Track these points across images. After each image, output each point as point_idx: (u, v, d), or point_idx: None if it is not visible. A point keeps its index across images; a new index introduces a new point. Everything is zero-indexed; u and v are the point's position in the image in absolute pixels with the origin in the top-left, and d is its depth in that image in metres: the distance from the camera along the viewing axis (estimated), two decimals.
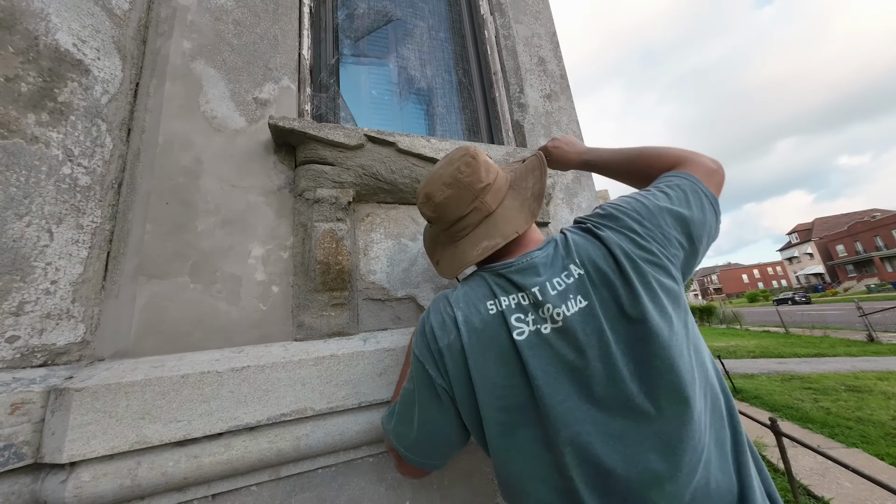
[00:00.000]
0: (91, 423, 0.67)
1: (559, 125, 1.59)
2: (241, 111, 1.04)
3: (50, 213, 0.84)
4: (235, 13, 1.12)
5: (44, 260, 0.82)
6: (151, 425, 0.71)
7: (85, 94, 0.94)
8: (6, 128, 0.82)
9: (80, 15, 0.98)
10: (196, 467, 0.72)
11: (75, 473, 0.66)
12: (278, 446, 0.78)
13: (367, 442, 0.87)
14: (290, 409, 0.80)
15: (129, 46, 1.06)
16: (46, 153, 0.86)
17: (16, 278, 0.78)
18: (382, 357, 0.91)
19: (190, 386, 0.75)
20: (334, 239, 0.96)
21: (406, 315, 1.08)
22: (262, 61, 1.11)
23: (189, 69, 1.01)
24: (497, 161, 1.25)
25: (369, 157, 1.07)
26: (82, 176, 0.91)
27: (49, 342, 0.80)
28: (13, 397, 0.68)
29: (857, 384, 6.25)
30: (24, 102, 0.85)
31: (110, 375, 0.73)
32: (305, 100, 1.18)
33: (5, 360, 0.75)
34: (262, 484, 0.79)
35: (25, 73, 0.86)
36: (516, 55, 1.61)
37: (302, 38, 1.23)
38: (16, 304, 0.77)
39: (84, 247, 0.88)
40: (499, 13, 1.68)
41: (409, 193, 1.14)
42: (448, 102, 1.58)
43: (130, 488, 0.68)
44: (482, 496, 0.95)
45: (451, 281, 1.13)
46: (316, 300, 0.96)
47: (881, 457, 3.82)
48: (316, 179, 1.00)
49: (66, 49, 0.93)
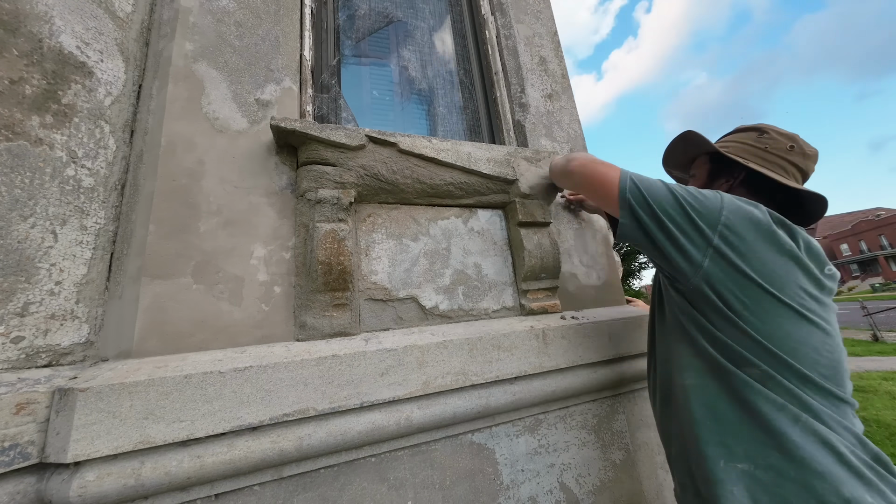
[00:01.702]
0: (95, 423, 0.68)
1: (560, 125, 1.59)
2: (243, 112, 1.05)
3: (54, 214, 0.85)
4: (237, 15, 1.13)
5: (48, 261, 0.82)
6: (155, 425, 0.71)
7: (88, 97, 0.95)
8: (11, 130, 0.83)
9: (83, 17, 0.99)
10: (199, 467, 0.72)
11: (80, 473, 0.66)
12: (281, 446, 0.78)
13: (369, 442, 0.87)
14: (293, 409, 0.81)
15: (132, 48, 1.07)
16: (51, 155, 0.87)
17: (21, 279, 0.79)
18: (384, 357, 0.92)
19: (193, 386, 0.75)
20: (336, 239, 0.96)
21: (408, 315, 1.08)
22: (263, 62, 1.12)
23: (191, 71, 1.02)
24: (498, 161, 1.25)
25: (371, 158, 1.07)
26: (86, 177, 0.91)
27: (53, 343, 0.80)
28: (18, 397, 0.69)
29: (862, 384, 6.20)
30: (29, 105, 0.86)
31: (114, 376, 0.73)
32: (307, 101, 1.18)
33: (10, 360, 0.75)
34: (264, 484, 0.80)
35: (29, 76, 0.87)
36: (517, 55, 1.61)
37: (303, 40, 1.23)
38: (21, 304, 0.78)
39: (88, 248, 0.89)
40: (500, 13, 1.68)
41: (410, 194, 1.14)
42: (449, 102, 1.58)
43: (134, 488, 0.68)
44: (484, 496, 0.95)
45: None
46: (318, 300, 0.96)
47: None
48: (317, 180, 1.01)
49: (70, 51, 0.94)
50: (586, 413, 1.16)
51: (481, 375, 0.99)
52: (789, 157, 0.89)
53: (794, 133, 0.92)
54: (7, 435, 0.66)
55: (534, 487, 1.01)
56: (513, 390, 1.03)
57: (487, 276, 1.22)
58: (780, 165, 0.89)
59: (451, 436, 0.97)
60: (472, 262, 1.21)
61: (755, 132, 0.94)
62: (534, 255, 1.21)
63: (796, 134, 0.91)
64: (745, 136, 0.96)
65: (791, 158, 0.89)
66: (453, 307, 1.14)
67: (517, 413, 1.05)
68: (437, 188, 1.16)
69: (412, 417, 0.90)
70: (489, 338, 1.04)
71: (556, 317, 1.21)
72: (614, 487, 1.12)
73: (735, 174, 0.94)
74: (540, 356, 1.08)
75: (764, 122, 1.08)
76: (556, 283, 1.27)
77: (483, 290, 1.20)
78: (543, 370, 1.07)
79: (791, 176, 0.89)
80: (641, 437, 1.22)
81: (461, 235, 1.22)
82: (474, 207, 1.28)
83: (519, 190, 1.25)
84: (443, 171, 1.17)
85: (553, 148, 1.52)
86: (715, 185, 0.99)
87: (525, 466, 1.02)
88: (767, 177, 0.88)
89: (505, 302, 1.22)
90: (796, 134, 0.91)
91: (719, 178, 0.98)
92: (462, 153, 1.20)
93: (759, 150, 0.91)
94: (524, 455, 1.03)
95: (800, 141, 0.90)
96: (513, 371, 1.03)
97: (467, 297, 1.17)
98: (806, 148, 0.90)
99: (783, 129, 0.92)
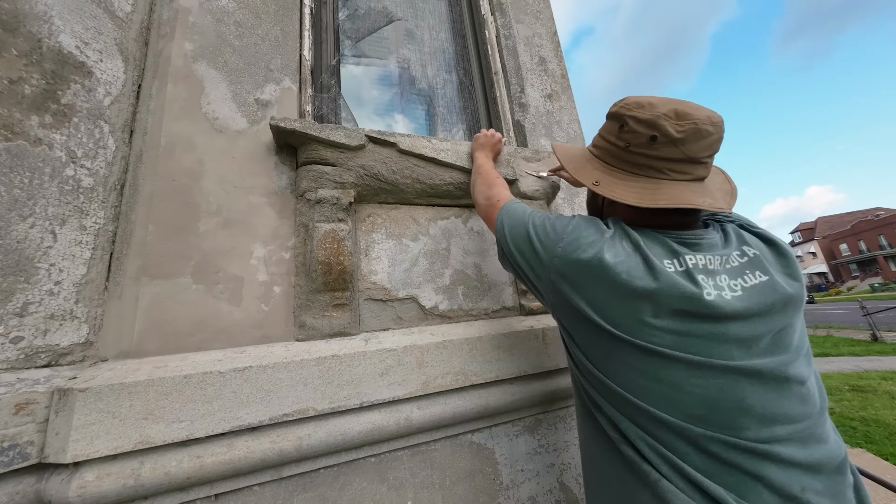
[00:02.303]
0: (95, 424, 0.68)
1: (560, 125, 1.59)
2: (243, 112, 1.05)
3: (53, 214, 0.85)
4: (237, 15, 1.13)
5: (47, 261, 0.82)
6: (154, 425, 0.71)
7: (88, 96, 0.95)
8: (10, 130, 0.83)
9: (82, 17, 0.98)
10: (199, 467, 0.72)
11: (79, 473, 0.66)
12: (280, 446, 0.78)
13: (369, 442, 0.87)
14: (292, 410, 0.81)
15: (132, 48, 1.07)
16: (50, 155, 0.87)
17: (20, 279, 0.78)
18: (384, 357, 0.92)
19: (192, 386, 0.75)
20: (336, 239, 0.96)
21: (408, 315, 1.08)
22: (263, 62, 1.12)
23: (191, 71, 1.02)
24: (498, 161, 1.25)
25: (370, 158, 1.07)
26: (85, 177, 0.91)
27: (53, 343, 0.80)
28: (18, 398, 0.69)
29: (862, 384, 6.21)
30: (28, 104, 0.86)
31: (114, 376, 0.73)
32: (307, 101, 1.18)
33: (10, 360, 0.75)
34: (264, 484, 0.80)
35: (29, 76, 0.87)
36: (517, 55, 1.61)
37: (303, 39, 1.23)
38: (20, 305, 0.78)
39: (87, 248, 0.88)
40: (499, 13, 1.68)
41: (410, 194, 1.14)
42: (449, 102, 1.58)
43: (134, 488, 0.68)
44: (484, 496, 0.95)
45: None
46: (317, 300, 0.96)
47: (885, 457, 3.80)
48: (317, 180, 1.01)
49: (69, 51, 0.94)
50: None
51: (481, 375, 0.99)
52: (655, 153, 0.68)
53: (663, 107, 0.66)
54: (6, 435, 0.66)
55: (534, 487, 1.01)
56: (512, 390, 1.03)
57: (487, 276, 1.22)
58: (649, 166, 0.69)
59: (450, 436, 0.97)
60: (471, 262, 1.21)
61: (615, 122, 0.73)
62: None
63: (666, 109, 0.66)
64: (609, 129, 0.76)
65: (658, 153, 0.67)
66: (453, 307, 1.14)
67: (517, 413, 1.05)
68: (436, 188, 1.17)
69: (412, 417, 0.90)
70: (489, 338, 1.04)
71: None
72: None
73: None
74: (540, 356, 1.08)
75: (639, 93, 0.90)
76: None
77: (483, 290, 1.20)
78: (543, 370, 1.07)
79: (670, 173, 0.68)
80: None
81: (461, 235, 1.22)
82: (474, 207, 1.28)
83: (519, 190, 1.25)
84: (443, 171, 1.17)
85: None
86: (596, 195, 0.86)
87: (525, 466, 1.02)
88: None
89: (504, 302, 1.22)
90: (666, 109, 0.66)
91: (597, 195, 0.84)
92: (462, 153, 1.20)
93: (621, 151, 0.72)
94: (524, 455, 1.03)
95: (662, 123, 0.65)
96: (512, 371, 1.03)
97: (467, 297, 1.17)
98: (675, 130, 0.64)
99: (652, 103, 0.68)
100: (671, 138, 0.65)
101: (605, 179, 0.75)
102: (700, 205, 0.66)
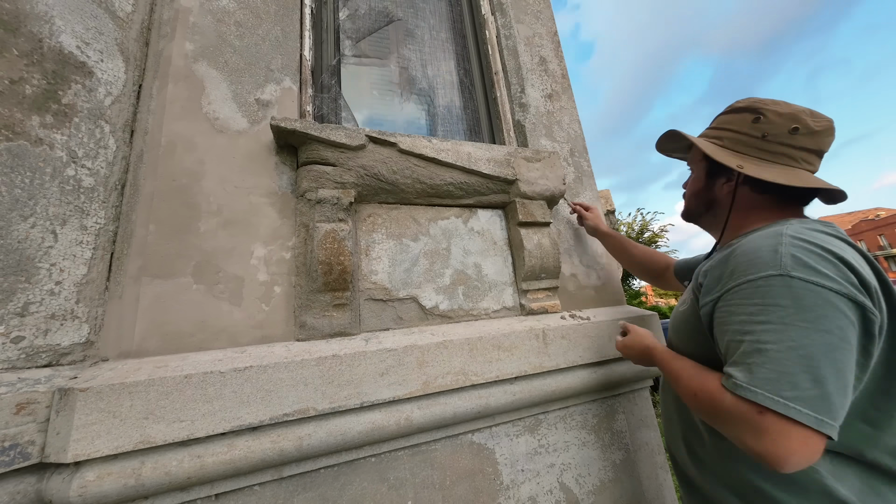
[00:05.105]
0: (95, 423, 0.68)
1: (560, 125, 1.59)
2: (244, 112, 1.05)
3: (54, 214, 0.85)
4: (237, 15, 1.13)
5: (48, 261, 0.82)
6: (155, 425, 0.71)
7: (88, 96, 0.95)
8: (11, 130, 0.83)
9: (83, 17, 0.99)
10: (199, 467, 0.72)
11: (80, 473, 0.66)
12: (281, 446, 0.78)
13: (369, 442, 0.87)
14: (293, 409, 0.81)
15: (132, 48, 1.07)
16: (51, 155, 0.87)
17: (21, 279, 0.79)
18: (384, 357, 0.92)
19: (193, 386, 0.75)
20: (336, 239, 0.96)
21: (408, 315, 1.08)
22: (263, 62, 1.12)
23: (191, 71, 1.02)
24: (498, 161, 1.25)
25: (371, 158, 1.07)
26: (86, 177, 0.91)
27: (54, 343, 0.80)
28: (18, 397, 0.69)
29: None
30: (29, 104, 0.86)
31: (114, 376, 0.73)
32: (307, 101, 1.18)
33: (10, 360, 0.75)
34: (264, 484, 0.80)
35: (30, 76, 0.87)
36: (517, 55, 1.61)
37: (303, 39, 1.23)
38: (21, 304, 0.78)
39: (88, 248, 0.89)
40: (500, 13, 1.68)
41: (410, 194, 1.14)
42: (449, 102, 1.58)
43: (134, 488, 0.68)
44: (484, 496, 0.96)
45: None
46: (318, 300, 0.96)
47: None
48: (318, 180, 1.01)
49: (70, 51, 0.94)
50: (586, 413, 1.16)
51: (481, 375, 0.99)
52: (794, 143, 0.75)
53: (797, 106, 0.76)
54: (7, 435, 0.66)
55: (534, 487, 1.01)
56: (513, 390, 1.03)
57: (487, 276, 1.22)
58: (786, 154, 0.76)
59: (451, 436, 0.97)
60: (472, 262, 1.21)
61: (749, 114, 0.80)
62: (534, 255, 1.21)
63: (799, 108, 0.76)
64: (738, 121, 0.81)
65: (797, 143, 0.75)
66: (453, 307, 1.14)
67: (517, 413, 1.05)
68: (437, 188, 1.17)
69: (412, 417, 0.90)
70: (489, 338, 1.04)
71: (556, 317, 1.21)
72: (614, 487, 1.12)
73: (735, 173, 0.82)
74: (540, 356, 1.08)
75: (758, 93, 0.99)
76: (556, 283, 1.27)
77: (483, 290, 1.20)
78: (543, 370, 1.07)
79: (802, 162, 0.76)
80: (641, 437, 1.22)
81: (461, 235, 1.22)
82: (474, 207, 1.28)
83: (519, 190, 1.25)
84: (443, 171, 1.17)
85: (553, 148, 1.52)
86: (715, 184, 0.88)
87: (525, 466, 1.02)
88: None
89: (505, 302, 1.22)
90: (799, 108, 0.76)
91: (718, 178, 0.86)
92: (462, 153, 1.20)
93: (755, 140, 0.78)
94: (524, 455, 1.03)
95: (803, 117, 0.75)
96: (513, 371, 1.03)
97: (467, 297, 1.17)
98: (813, 124, 0.74)
99: (783, 102, 0.78)
100: (811, 130, 0.75)
101: (746, 163, 0.79)
102: (835, 188, 0.75)
